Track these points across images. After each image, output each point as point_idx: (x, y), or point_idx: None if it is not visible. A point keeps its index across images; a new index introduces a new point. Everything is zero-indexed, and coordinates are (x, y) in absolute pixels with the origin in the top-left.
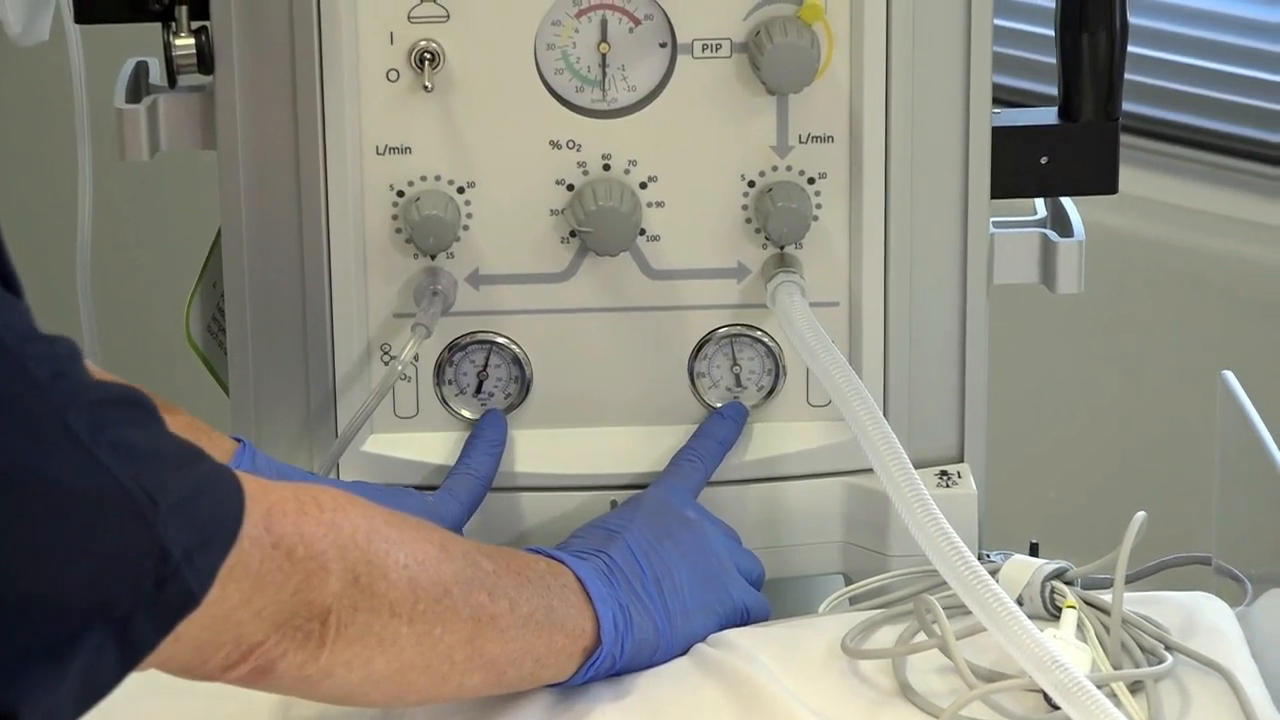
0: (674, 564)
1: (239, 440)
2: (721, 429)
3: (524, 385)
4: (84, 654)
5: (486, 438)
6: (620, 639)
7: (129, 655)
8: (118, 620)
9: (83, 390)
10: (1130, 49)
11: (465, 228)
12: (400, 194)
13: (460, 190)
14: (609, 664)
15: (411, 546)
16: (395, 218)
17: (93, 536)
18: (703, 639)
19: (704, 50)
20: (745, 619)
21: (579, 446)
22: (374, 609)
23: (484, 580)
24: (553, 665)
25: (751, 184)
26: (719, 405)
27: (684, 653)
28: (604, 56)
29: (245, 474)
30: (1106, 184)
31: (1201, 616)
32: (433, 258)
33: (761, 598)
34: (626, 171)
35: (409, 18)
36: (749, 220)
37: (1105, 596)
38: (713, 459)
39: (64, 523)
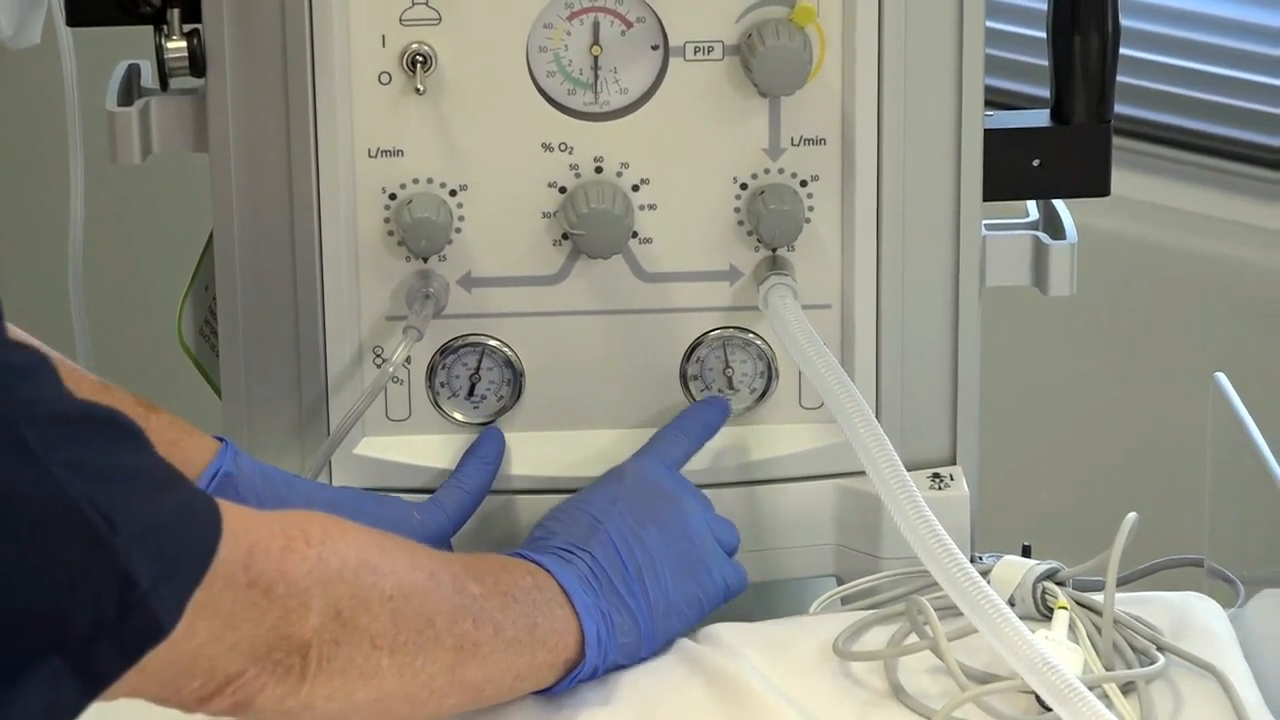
0: (657, 554)
1: (221, 440)
2: (707, 412)
3: (516, 388)
4: (40, 679)
5: (481, 453)
6: (603, 650)
7: (90, 684)
8: (76, 647)
9: (43, 403)
10: (1122, 51)
11: (457, 230)
12: (392, 197)
13: (452, 193)
14: (591, 674)
15: (398, 577)
16: (387, 220)
17: (43, 553)
18: (686, 629)
19: (696, 53)
20: (726, 595)
21: (571, 449)
22: (355, 642)
23: (469, 607)
24: (532, 679)
25: (744, 186)
26: None
27: (669, 647)
28: (596, 59)
29: (231, 506)
30: (1098, 186)
31: (1193, 617)
32: (425, 260)
33: (739, 567)
34: (618, 174)
35: (401, 20)
36: (741, 223)
37: (1097, 598)
38: (696, 437)
39: (11, 536)
